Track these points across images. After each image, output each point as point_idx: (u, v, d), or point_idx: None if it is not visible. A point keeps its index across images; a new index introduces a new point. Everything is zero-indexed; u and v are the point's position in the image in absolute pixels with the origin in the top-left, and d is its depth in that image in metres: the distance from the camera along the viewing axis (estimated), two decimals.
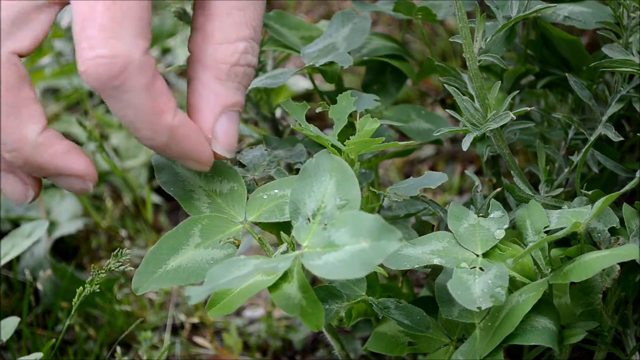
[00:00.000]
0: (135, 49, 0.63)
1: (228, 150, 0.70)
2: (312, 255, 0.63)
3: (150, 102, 0.64)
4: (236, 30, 0.68)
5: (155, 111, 0.65)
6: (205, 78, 0.68)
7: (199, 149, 0.68)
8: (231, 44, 0.68)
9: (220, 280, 0.63)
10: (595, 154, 0.81)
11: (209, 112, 0.68)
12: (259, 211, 0.72)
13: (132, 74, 0.63)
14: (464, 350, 0.72)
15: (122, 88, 0.63)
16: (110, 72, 0.62)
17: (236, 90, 0.69)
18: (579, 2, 0.84)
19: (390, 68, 0.90)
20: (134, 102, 0.64)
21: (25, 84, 0.65)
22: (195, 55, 0.69)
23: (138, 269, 0.69)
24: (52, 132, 0.66)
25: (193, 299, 0.61)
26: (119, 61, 0.62)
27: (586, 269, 0.68)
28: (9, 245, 1.00)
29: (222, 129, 0.69)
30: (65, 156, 0.67)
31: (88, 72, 0.63)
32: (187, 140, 0.67)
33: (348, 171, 0.68)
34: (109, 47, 0.62)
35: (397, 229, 0.60)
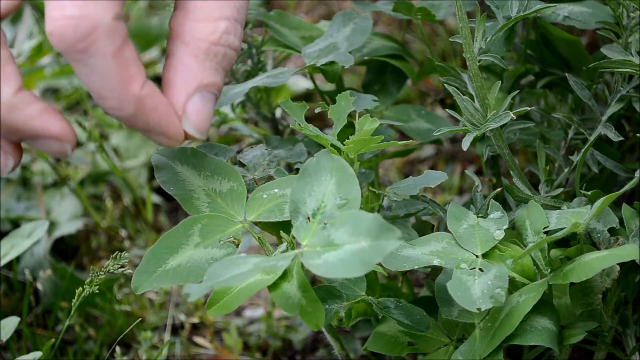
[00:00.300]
0: (105, 12, 0.61)
1: (198, 130, 0.68)
2: (312, 254, 0.63)
3: (117, 69, 0.62)
4: (218, 9, 0.66)
5: (122, 79, 0.63)
6: (182, 54, 0.66)
7: (168, 123, 0.66)
8: (212, 22, 0.66)
9: (219, 278, 0.63)
10: (595, 153, 0.81)
11: (182, 89, 0.67)
12: (259, 210, 0.72)
13: (100, 37, 0.61)
14: (463, 350, 0.72)
15: (89, 52, 0.61)
16: (76, 33, 0.61)
17: (214, 71, 0.67)
18: (578, 2, 0.84)
19: (391, 68, 0.90)
20: (100, 68, 0.62)
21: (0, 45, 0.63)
22: (174, 31, 0.67)
23: (137, 268, 0.69)
24: (26, 93, 0.64)
25: (192, 296, 0.61)
26: (86, 23, 0.61)
27: (586, 270, 0.68)
28: (9, 246, 1.00)
29: (195, 107, 0.67)
30: (41, 117, 0.64)
31: (54, 32, 0.61)
32: (155, 113, 0.65)
33: (348, 171, 0.68)
34: (77, 7, 0.60)
35: (396, 228, 0.60)
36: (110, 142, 1.30)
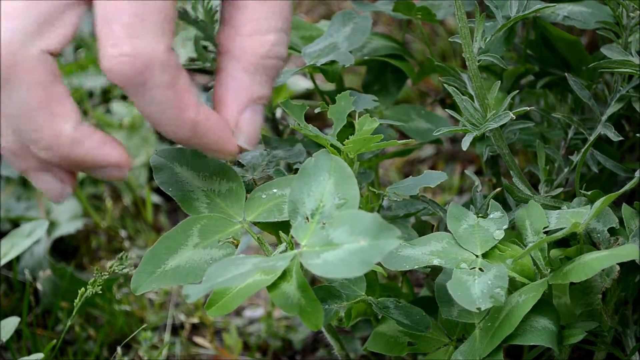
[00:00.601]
0: (158, 46, 0.63)
1: (251, 142, 0.69)
2: (311, 254, 0.63)
3: (173, 98, 0.64)
4: (267, 22, 0.67)
5: (179, 107, 0.65)
6: (233, 70, 0.68)
7: (223, 141, 0.68)
8: (261, 36, 0.67)
9: (218, 278, 0.63)
10: (595, 153, 0.81)
11: (235, 105, 0.68)
12: (258, 211, 0.72)
13: (155, 71, 0.63)
14: (463, 350, 0.72)
15: (146, 85, 0.63)
16: (133, 70, 0.63)
17: (264, 83, 0.68)
18: (578, 2, 0.84)
19: (391, 68, 0.90)
20: (158, 99, 0.64)
21: (57, 81, 0.65)
22: (224, 47, 0.68)
23: (137, 269, 0.69)
24: (85, 126, 0.66)
25: (191, 297, 0.61)
26: (142, 59, 0.63)
27: (586, 269, 0.68)
28: (9, 245, 1.00)
29: (247, 121, 0.69)
30: (102, 148, 0.66)
31: (112, 70, 0.63)
32: (211, 134, 0.67)
33: (347, 170, 0.68)
34: (132, 45, 0.62)
35: (395, 228, 0.60)
36: None
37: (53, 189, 0.68)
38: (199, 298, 0.62)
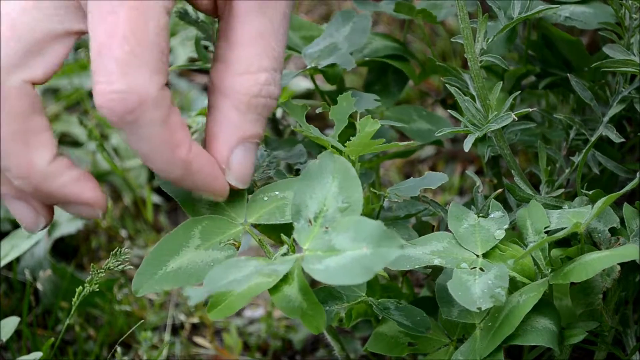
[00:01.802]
0: (152, 84, 0.62)
1: (242, 181, 0.69)
2: (313, 259, 0.63)
3: (165, 136, 0.64)
4: (258, 61, 0.67)
5: (170, 145, 0.64)
6: (224, 108, 0.68)
7: (213, 181, 0.68)
8: (252, 75, 0.67)
9: (219, 282, 0.63)
10: (596, 154, 0.81)
11: (225, 143, 0.68)
12: (259, 213, 0.71)
13: (148, 109, 0.63)
14: (464, 350, 0.72)
15: (138, 123, 0.63)
16: (125, 107, 0.62)
17: (255, 122, 0.68)
18: (580, 3, 0.84)
19: (392, 68, 0.90)
20: (149, 136, 0.64)
21: (36, 112, 0.65)
22: (215, 85, 0.68)
23: (138, 270, 0.69)
24: (62, 161, 0.66)
25: (192, 300, 0.61)
26: (134, 97, 0.62)
27: (586, 270, 0.68)
28: (9, 246, 1.00)
29: (237, 160, 0.68)
30: (75, 185, 0.66)
31: (104, 106, 0.62)
32: (201, 173, 0.67)
33: (351, 173, 0.67)
34: (125, 82, 0.62)
35: (398, 236, 0.60)
36: (111, 142, 1.30)
37: (27, 218, 0.68)
38: (200, 301, 0.62)
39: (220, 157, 0.68)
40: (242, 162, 0.68)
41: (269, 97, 0.68)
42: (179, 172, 0.66)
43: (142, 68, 0.62)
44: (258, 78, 0.67)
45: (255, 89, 0.67)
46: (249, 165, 0.69)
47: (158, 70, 0.63)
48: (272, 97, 0.68)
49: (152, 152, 0.65)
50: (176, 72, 1.41)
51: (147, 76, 0.62)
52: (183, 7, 0.86)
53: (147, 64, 0.62)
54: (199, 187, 0.68)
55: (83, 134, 1.28)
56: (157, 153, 0.65)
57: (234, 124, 0.68)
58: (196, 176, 0.67)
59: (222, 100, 0.68)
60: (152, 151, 0.65)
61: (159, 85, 0.63)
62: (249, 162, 0.69)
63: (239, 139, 0.68)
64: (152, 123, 0.63)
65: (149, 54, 0.62)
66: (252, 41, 0.67)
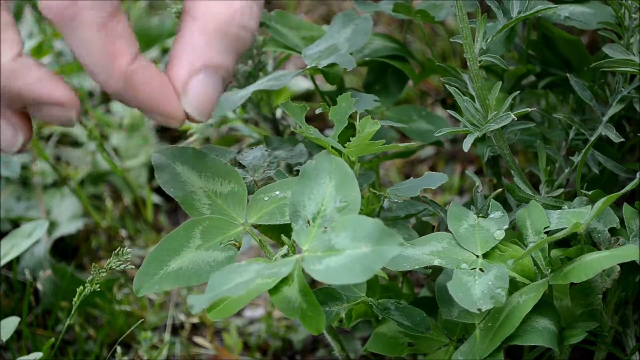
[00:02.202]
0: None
1: (199, 111, 0.65)
2: (313, 260, 0.63)
3: (103, 42, 0.61)
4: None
5: (109, 53, 0.61)
6: (191, 31, 0.64)
7: (163, 100, 0.64)
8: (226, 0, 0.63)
9: (222, 287, 0.63)
10: (596, 154, 0.81)
11: (185, 66, 0.64)
12: (260, 213, 0.71)
13: (85, 7, 0.60)
14: (464, 350, 0.72)
15: (74, 21, 0.61)
16: (64, 3, 0.60)
17: (223, 52, 0.64)
18: (580, 3, 0.84)
19: (392, 69, 0.90)
20: (86, 40, 0.61)
21: (2, 9, 0.62)
22: (186, 7, 0.65)
23: (139, 270, 0.69)
24: (27, 59, 0.63)
25: (195, 307, 0.61)
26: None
27: (586, 270, 0.68)
28: (9, 246, 1.00)
29: (197, 86, 0.64)
30: (42, 82, 0.63)
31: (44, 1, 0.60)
32: (147, 89, 0.63)
33: (348, 172, 0.67)
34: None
35: (397, 234, 0.60)
36: (111, 142, 1.30)
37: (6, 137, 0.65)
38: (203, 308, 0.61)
39: (177, 80, 0.64)
40: (201, 90, 0.64)
41: (241, 28, 0.64)
42: (119, 84, 0.62)
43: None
44: (231, 4, 0.63)
45: (226, 15, 0.63)
46: (209, 96, 0.65)
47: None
48: (246, 30, 0.64)
49: (90, 59, 0.62)
50: None
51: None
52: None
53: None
54: (145, 106, 0.64)
55: (83, 134, 1.28)
56: (94, 59, 0.62)
57: (199, 48, 0.64)
58: (140, 91, 0.63)
59: (190, 23, 0.64)
60: (90, 57, 0.62)
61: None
62: (211, 92, 0.65)
63: (202, 65, 0.64)
64: (90, 24, 0.61)
65: None
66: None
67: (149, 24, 1.46)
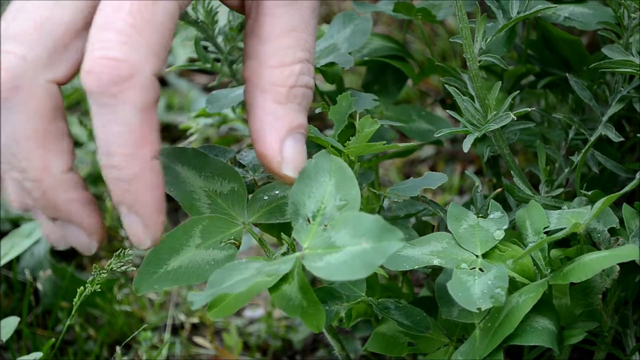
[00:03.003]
0: (147, 63, 0.60)
1: (298, 171, 0.68)
2: (313, 257, 0.63)
3: (140, 125, 0.61)
4: (292, 53, 0.67)
5: (141, 138, 0.61)
6: (265, 103, 0.67)
7: (150, 213, 0.65)
8: (287, 67, 0.66)
9: (222, 284, 0.63)
10: (596, 154, 0.81)
11: (275, 136, 0.67)
12: (260, 212, 0.72)
13: (135, 86, 0.60)
14: (463, 350, 0.72)
15: (120, 98, 0.60)
16: (114, 75, 0.59)
17: (298, 112, 0.67)
18: (579, 3, 0.84)
19: (391, 68, 0.90)
20: (124, 119, 0.60)
21: (59, 116, 0.63)
22: (251, 82, 0.67)
23: (139, 270, 0.69)
24: (76, 176, 0.64)
25: (195, 304, 0.61)
26: (127, 68, 0.59)
27: (586, 270, 0.68)
28: (9, 245, 1.00)
29: (290, 150, 0.67)
30: (83, 205, 0.64)
31: (93, 70, 0.60)
32: (148, 193, 0.64)
33: (347, 172, 0.68)
34: (122, 51, 0.60)
35: (397, 229, 0.60)
36: None
37: (52, 234, 0.66)
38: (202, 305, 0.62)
39: (272, 151, 0.67)
40: (295, 152, 0.67)
41: (305, 87, 0.67)
42: (133, 172, 0.62)
43: (141, 44, 0.60)
44: (293, 69, 0.67)
45: (292, 79, 0.67)
46: (302, 154, 0.68)
47: (156, 53, 0.61)
48: (308, 87, 0.68)
49: (119, 138, 0.61)
50: (176, 72, 1.41)
51: (145, 53, 0.60)
52: None
53: (147, 42, 0.60)
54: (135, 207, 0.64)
55: (83, 134, 1.28)
56: (124, 141, 0.61)
57: (278, 116, 0.67)
58: (142, 192, 0.63)
59: (261, 96, 0.67)
60: (120, 137, 0.61)
61: (153, 68, 0.61)
62: (302, 151, 0.68)
63: (287, 130, 0.67)
64: (134, 104, 0.60)
65: (151, 35, 0.60)
66: (284, 34, 0.67)
67: None
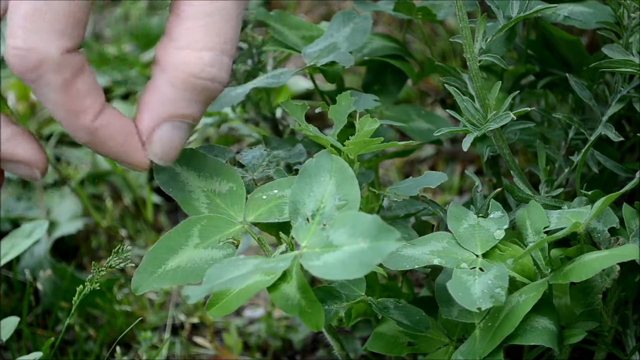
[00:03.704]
0: (53, 47, 0.62)
1: (162, 159, 0.67)
2: (311, 256, 0.63)
3: (66, 101, 0.63)
4: (203, 38, 0.64)
5: (73, 111, 0.63)
6: (159, 81, 0.65)
7: (128, 152, 0.66)
8: (194, 51, 0.64)
9: (219, 280, 0.63)
10: (596, 154, 0.81)
11: (151, 116, 0.66)
12: (258, 211, 0.72)
13: (47, 70, 0.62)
14: (463, 350, 0.72)
15: (38, 82, 0.62)
16: (24, 65, 0.62)
17: (191, 102, 0.65)
18: (579, 2, 0.84)
19: (391, 68, 0.90)
20: (50, 99, 0.63)
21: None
22: (157, 57, 0.66)
23: (138, 269, 0.69)
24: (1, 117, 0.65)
25: (192, 298, 0.61)
26: (33, 55, 0.62)
27: (586, 269, 0.68)
28: (9, 245, 1.00)
29: (161, 136, 0.66)
30: (10, 141, 0.65)
31: (8, 60, 0.62)
32: (111, 142, 0.65)
33: (347, 171, 0.68)
34: (26, 40, 0.61)
35: (395, 229, 0.60)
36: None
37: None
38: (199, 299, 0.62)
39: (142, 130, 0.66)
40: (166, 140, 0.66)
41: (210, 80, 0.64)
42: (85, 137, 0.65)
43: (46, 29, 0.61)
44: (201, 56, 0.64)
45: (196, 67, 0.64)
46: (174, 145, 0.66)
47: (64, 34, 0.62)
48: (215, 81, 0.65)
49: (56, 115, 0.64)
50: None
51: (50, 38, 0.62)
52: None
53: (52, 25, 0.61)
54: (112, 156, 0.66)
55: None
56: (60, 116, 0.64)
57: (166, 99, 0.65)
58: (106, 145, 0.65)
59: (159, 73, 0.65)
60: (55, 114, 0.64)
61: (61, 49, 0.62)
62: (175, 141, 0.66)
63: (168, 115, 0.65)
64: (52, 86, 0.63)
65: (56, 17, 0.61)
66: (199, 17, 0.64)
67: (149, 24, 1.46)
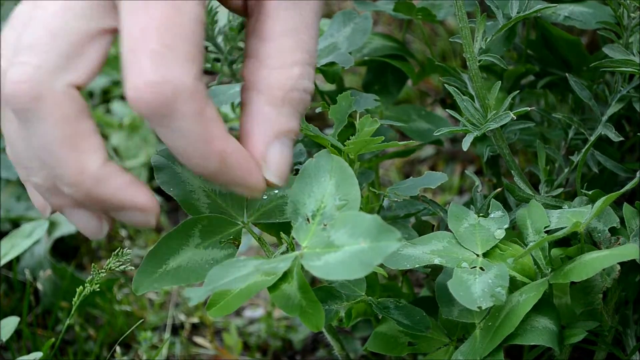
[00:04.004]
0: (187, 76, 0.61)
1: (279, 177, 0.67)
2: (312, 256, 0.63)
3: (201, 129, 0.62)
4: (291, 55, 0.66)
5: (206, 138, 0.63)
6: (258, 104, 0.66)
7: (250, 176, 0.66)
8: (286, 69, 0.66)
9: (219, 281, 0.63)
10: (596, 154, 0.81)
11: (261, 138, 0.66)
12: (259, 212, 0.72)
13: (183, 101, 0.61)
14: (464, 350, 0.72)
15: (173, 116, 0.61)
16: (160, 99, 0.60)
17: (291, 117, 0.66)
18: (579, 2, 0.84)
19: (391, 68, 0.90)
20: (185, 130, 0.62)
21: (84, 116, 0.63)
22: (249, 81, 0.66)
23: (138, 269, 0.69)
24: (113, 165, 0.64)
25: (193, 300, 0.61)
26: (169, 88, 0.60)
27: (586, 269, 0.68)
28: (9, 245, 1.00)
29: (275, 155, 0.67)
30: (128, 189, 0.64)
31: (137, 99, 0.60)
32: (238, 167, 0.65)
33: (348, 171, 0.68)
34: (159, 74, 0.60)
35: (396, 229, 0.60)
36: (111, 142, 1.30)
37: (89, 226, 0.67)
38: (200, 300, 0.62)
39: (256, 153, 0.66)
40: (279, 158, 0.67)
41: (303, 91, 0.66)
42: (216, 165, 0.64)
43: (176, 59, 0.60)
44: (292, 72, 0.66)
45: (290, 83, 0.66)
46: (286, 161, 0.67)
47: (193, 59, 0.61)
48: (306, 91, 0.67)
49: (187, 147, 0.63)
50: None
51: (182, 67, 0.61)
52: None
53: (182, 54, 0.61)
54: (235, 182, 0.66)
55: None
56: (192, 147, 0.63)
57: (269, 119, 0.66)
58: (232, 171, 0.65)
59: (255, 96, 0.66)
60: (187, 145, 0.63)
61: (193, 76, 0.61)
62: (287, 157, 0.67)
63: (275, 133, 0.66)
64: (188, 116, 0.61)
65: (184, 45, 0.61)
66: (284, 35, 0.66)
67: None
